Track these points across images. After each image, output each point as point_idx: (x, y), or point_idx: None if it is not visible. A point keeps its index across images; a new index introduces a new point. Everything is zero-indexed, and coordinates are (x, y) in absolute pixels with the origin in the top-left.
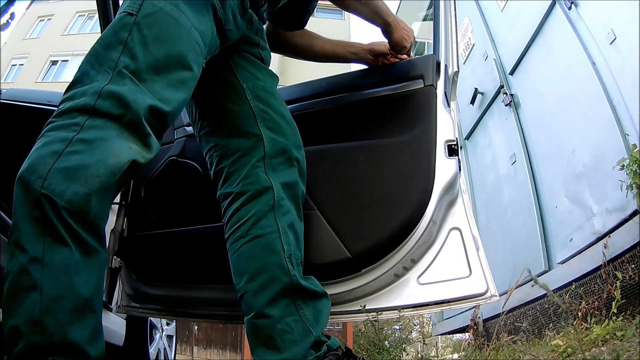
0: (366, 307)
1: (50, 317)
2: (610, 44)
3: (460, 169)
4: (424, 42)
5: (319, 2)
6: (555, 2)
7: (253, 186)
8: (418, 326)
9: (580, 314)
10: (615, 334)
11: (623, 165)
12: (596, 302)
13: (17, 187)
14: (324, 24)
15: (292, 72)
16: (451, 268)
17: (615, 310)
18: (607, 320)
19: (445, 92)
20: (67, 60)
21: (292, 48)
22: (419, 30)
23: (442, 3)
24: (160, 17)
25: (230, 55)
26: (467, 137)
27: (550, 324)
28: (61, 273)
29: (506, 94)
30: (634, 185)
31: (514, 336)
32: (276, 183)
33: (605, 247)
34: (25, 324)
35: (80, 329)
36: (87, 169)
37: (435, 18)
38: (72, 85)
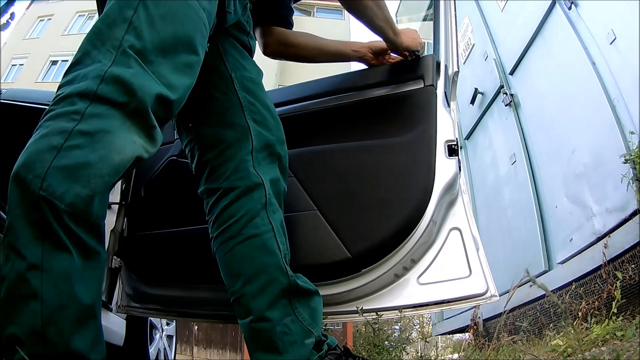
0: (366, 307)
1: (52, 328)
2: (610, 44)
3: (460, 169)
4: (424, 42)
5: (320, 2)
6: (555, 2)
7: (243, 182)
8: (418, 326)
9: (580, 314)
10: (615, 334)
11: (626, 160)
12: (596, 302)
13: (12, 185)
14: (324, 24)
15: (292, 72)
16: (451, 268)
17: (615, 310)
18: (607, 320)
19: (445, 92)
20: (67, 61)
21: (298, 49)
22: (419, 30)
23: (442, 3)
24: None
25: (220, 41)
26: (467, 137)
27: (551, 324)
28: (62, 281)
29: (506, 94)
30: (634, 179)
31: (514, 336)
32: (266, 179)
33: (605, 247)
34: (26, 334)
35: (83, 339)
36: (89, 168)
37: (435, 18)
38: (72, 67)
